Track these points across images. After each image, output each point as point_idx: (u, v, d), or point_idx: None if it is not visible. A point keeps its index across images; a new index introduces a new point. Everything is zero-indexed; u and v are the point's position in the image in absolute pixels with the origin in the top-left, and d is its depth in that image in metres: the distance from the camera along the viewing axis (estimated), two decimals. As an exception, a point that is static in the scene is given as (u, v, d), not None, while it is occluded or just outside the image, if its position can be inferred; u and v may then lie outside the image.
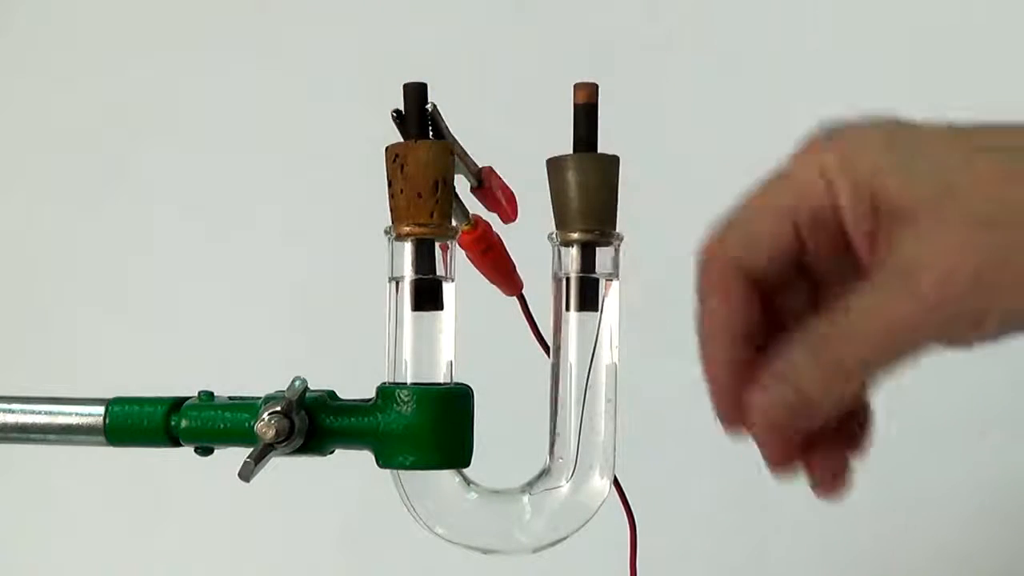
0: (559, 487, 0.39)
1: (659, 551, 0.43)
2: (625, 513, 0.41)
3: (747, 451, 0.41)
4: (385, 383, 0.37)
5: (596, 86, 0.37)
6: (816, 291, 0.38)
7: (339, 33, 0.88)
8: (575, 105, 0.37)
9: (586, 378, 0.38)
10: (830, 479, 0.40)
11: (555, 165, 0.37)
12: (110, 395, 0.39)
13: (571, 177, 0.37)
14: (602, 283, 0.38)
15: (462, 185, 0.40)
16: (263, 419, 0.35)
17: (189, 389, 0.39)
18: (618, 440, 0.39)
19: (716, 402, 0.37)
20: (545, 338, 0.40)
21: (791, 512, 0.79)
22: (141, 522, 0.87)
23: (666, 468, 0.66)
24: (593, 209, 0.37)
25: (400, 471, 0.38)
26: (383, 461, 0.37)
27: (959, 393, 0.79)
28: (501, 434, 0.43)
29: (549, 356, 0.39)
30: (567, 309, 0.38)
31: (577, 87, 0.37)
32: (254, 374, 0.41)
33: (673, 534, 0.43)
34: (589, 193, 0.37)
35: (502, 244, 0.42)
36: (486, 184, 0.40)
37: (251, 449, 0.36)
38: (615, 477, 0.39)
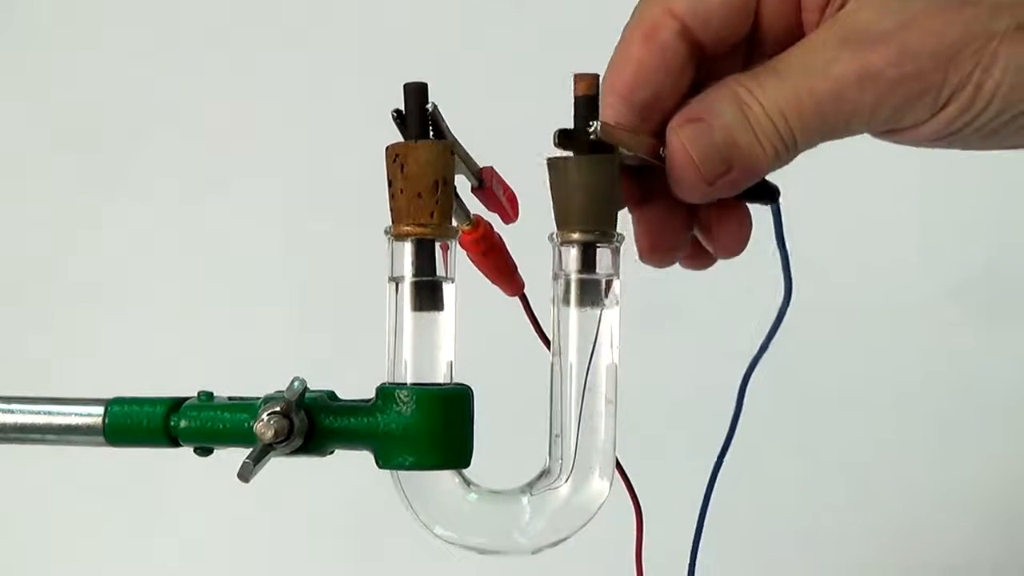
0: (559, 488, 0.38)
1: (660, 550, 0.43)
2: (632, 501, 0.41)
3: (747, 454, 0.42)
4: (385, 383, 0.37)
5: (597, 76, 0.36)
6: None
7: (339, 33, 0.88)
8: (575, 97, 0.36)
9: (585, 378, 0.38)
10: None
11: (555, 164, 0.37)
12: (110, 395, 0.39)
13: (571, 176, 0.36)
14: (602, 283, 0.38)
15: (463, 185, 0.40)
16: (262, 419, 0.35)
17: (189, 389, 0.39)
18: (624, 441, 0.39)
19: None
20: (548, 336, 0.40)
21: (793, 511, 0.79)
22: (141, 522, 0.87)
23: (668, 469, 0.65)
24: (594, 209, 0.37)
25: (400, 472, 0.38)
26: (383, 462, 0.37)
27: (963, 393, 0.79)
28: (501, 435, 0.43)
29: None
30: (567, 309, 0.38)
31: (577, 78, 0.36)
32: (253, 374, 0.41)
33: (674, 533, 0.42)
34: (589, 193, 0.36)
35: (503, 244, 0.41)
36: (487, 184, 0.40)
37: (250, 449, 0.35)
38: (619, 464, 0.39)
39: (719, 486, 0.42)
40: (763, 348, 0.40)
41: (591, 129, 0.35)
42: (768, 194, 0.39)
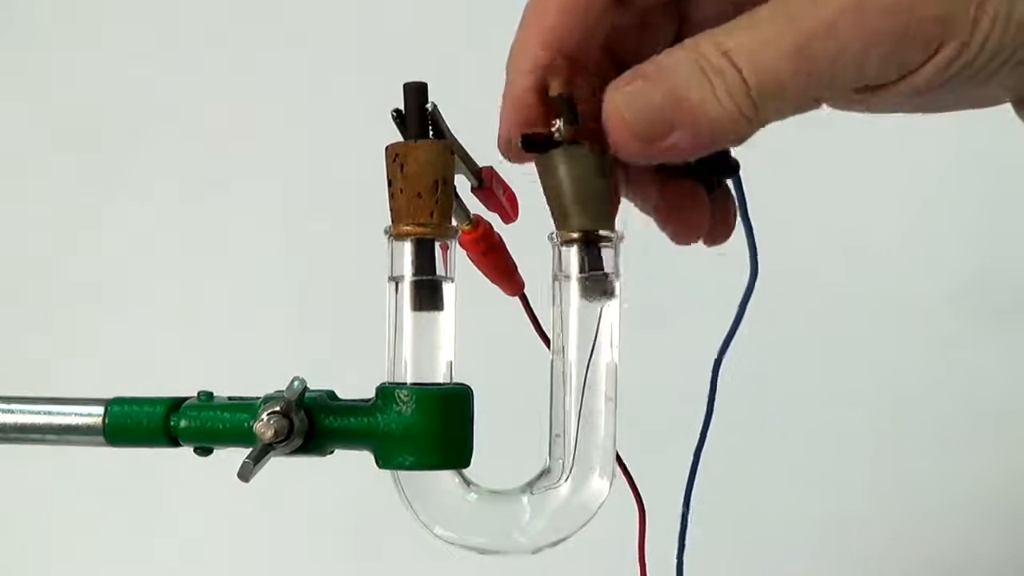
0: (559, 487, 0.38)
1: (662, 547, 0.43)
2: (633, 496, 0.41)
3: (744, 455, 0.42)
4: (385, 383, 0.37)
5: (569, 76, 0.36)
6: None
7: (339, 33, 0.88)
8: (551, 98, 0.36)
9: (585, 377, 0.38)
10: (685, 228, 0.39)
11: (541, 161, 0.37)
12: (110, 395, 0.39)
13: (559, 169, 0.36)
14: (602, 282, 0.38)
15: (463, 185, 0.40)
16: (262, 419, 0.35)
17: (189, 389, 0.39)
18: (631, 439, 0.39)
19: (509, 125, 0.35)
20: (549, 336, 0.40)
21: (792, 511, 0.79)
22: (141, 522, 0.87)
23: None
24: (591, 207, 0.36)
25: (400, 472, 0.38)
26: (383, 461, 0.37)
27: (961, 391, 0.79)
28: (501, 435, 0.43)
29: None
30: (567, 308, 0.38)
31: (551, 79, 0.36)
32: (253, 374, 0.41)
33: (676, 529, 0.42)
34: (580, 186, 0.36)
35: (503, 244, 0.41)
36: (487, 184, 0.40)
37: (250, 449, 0.35)
38: (620, 459, 0.39)
39: (717, 488, 0.42)
40: (734, 328, 0.40)
41: (553, 129, 0.35)
42: (728, 168, 0.38)
